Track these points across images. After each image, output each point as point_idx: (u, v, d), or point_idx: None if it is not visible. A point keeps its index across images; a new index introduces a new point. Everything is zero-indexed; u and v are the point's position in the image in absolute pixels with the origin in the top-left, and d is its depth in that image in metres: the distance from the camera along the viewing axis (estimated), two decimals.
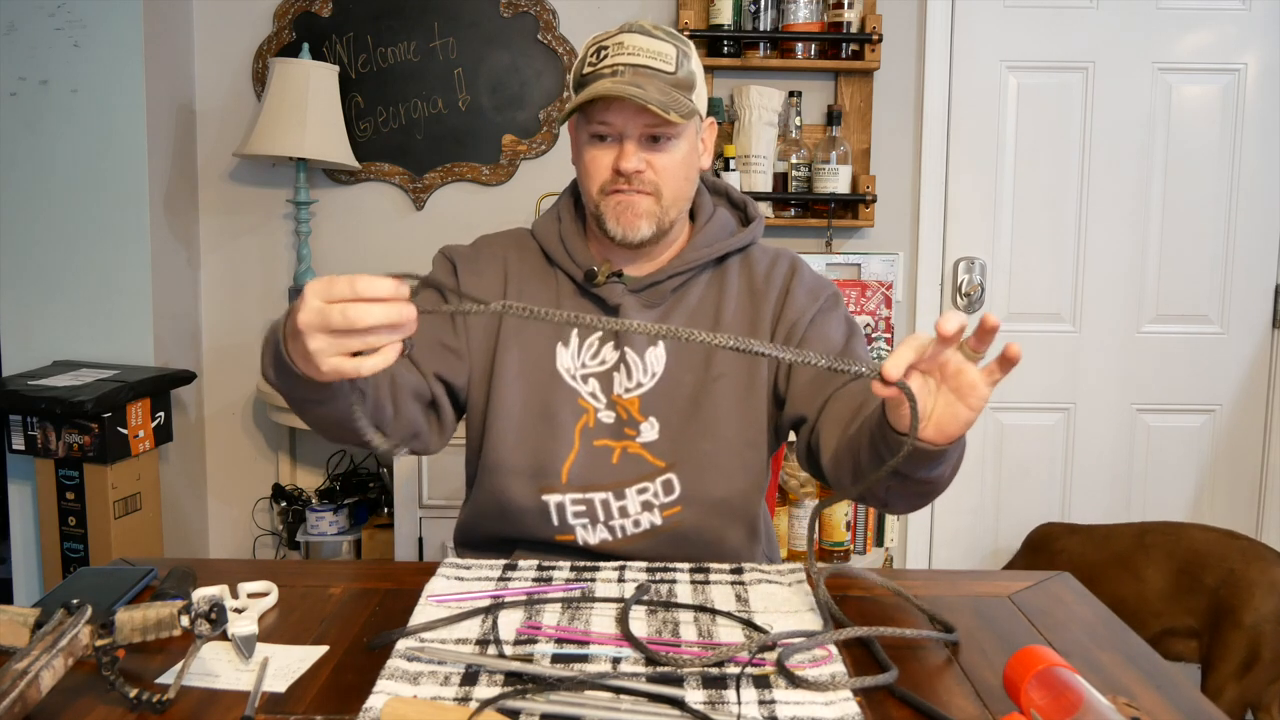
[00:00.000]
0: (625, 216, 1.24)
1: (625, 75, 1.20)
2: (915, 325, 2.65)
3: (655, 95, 1.19)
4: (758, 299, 1.31)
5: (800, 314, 1.29)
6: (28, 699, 0.79)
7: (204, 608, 0.90)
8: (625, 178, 1.22)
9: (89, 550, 2.16)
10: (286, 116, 2.37)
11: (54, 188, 2.31)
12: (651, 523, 1.26)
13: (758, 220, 1.38)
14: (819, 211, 2.53)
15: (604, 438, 1.26)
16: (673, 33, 1.26)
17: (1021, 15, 2.58)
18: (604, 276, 1.28)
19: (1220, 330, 2.65)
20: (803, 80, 2.56)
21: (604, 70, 1.21)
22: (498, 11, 2.57)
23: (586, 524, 1.26)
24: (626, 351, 1.28)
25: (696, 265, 1.30)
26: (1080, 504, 2.70)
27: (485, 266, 1.34)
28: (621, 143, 1.23)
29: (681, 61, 1.23)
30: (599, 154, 1.24)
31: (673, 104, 1.20)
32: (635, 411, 1.27)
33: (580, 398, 1.27)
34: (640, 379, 1.27)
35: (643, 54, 1.21)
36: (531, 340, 1.29)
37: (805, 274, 1.34)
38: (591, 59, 1.24)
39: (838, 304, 1.34)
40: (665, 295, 1.30)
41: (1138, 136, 2.60)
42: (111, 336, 2.34)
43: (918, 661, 0.94)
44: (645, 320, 1.27)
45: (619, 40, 1.23)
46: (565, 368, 1.28)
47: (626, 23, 1.26)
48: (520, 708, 0.81)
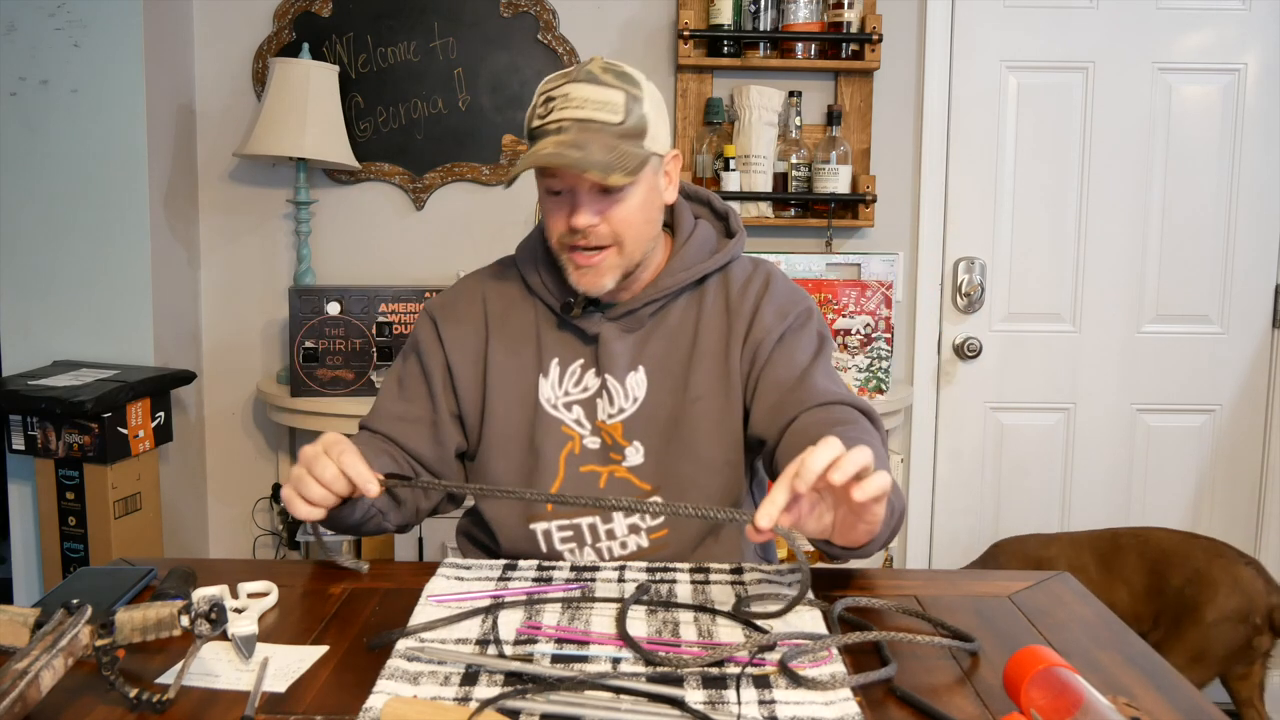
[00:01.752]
0: (587, 276, 1.25)
1: (570, 133, 1.18)
2: (915, 325, 2.65)
3: (598, 156, 1.16)
4: (732, 317, 1.30)
5: (766, 333, 1.28)
6: (28, 699, 0.79)
7: (204, 608, 0.90)
8: (581, 233, 1.22)
9: (89, 550, 2.16)
10: (286, 116, 2.37)
11: (54, 188, 2.31)
12: (638, 545, 1.27)
13: (738, 237, 1.35)
14: (819, 211, 2.53)
15: (590, 463, 1.28)
16: (625, 73, 1.23)
17: (1021, 15, 2.58)
18: (580, 308, 1.29)
19: (1220, 330, 2.65)
20: (803, 80, 2.56)
21: (549, 126, 1.19)
22: (498, 11, 2.57)
23: (574, 548, 1.28)
24: (607, 378, 1.29)
25: (674, 290, 1.30)
26: (1080, 504, 2.70)
27: (464, 312, 1.35)
28: (575, 196, 1.21)
29: (631, 107, 1.20)
30: (553, 207, 1.24)
31: (617, 161, 1.17)
32: (619, 436, 1.28)
33: (564, 425, 1.29)
34: (622, 404, 1.28)
35: (588, 105, 1.19)
36: (515, 375, 1.31)
37: (778, 290, 1.32)
38: (540, 109, 1.22)
39: (809, 319, 1.32)
40: (644, 320, 1.30)
41: (1138, 136, 2.60)
42: (111, 336, 2.34)
43: (918, 661, 0.94)
44: (624, 346, 1.29)
45: (565, 91, 1.20)
46: (546, 399, 1.30)
47: (577, 66, 1.23)
48: (520, 708, 0.81)
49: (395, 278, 2.58)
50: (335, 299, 2.33)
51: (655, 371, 1.29)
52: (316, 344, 2.33)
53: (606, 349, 1.29)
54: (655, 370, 1.29)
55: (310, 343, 2.33)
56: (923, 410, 2.68)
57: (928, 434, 2.69)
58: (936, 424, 2.69)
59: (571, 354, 1.31)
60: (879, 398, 2.40)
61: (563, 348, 1.31)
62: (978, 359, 2.66)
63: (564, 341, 1.31)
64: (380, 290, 2.36)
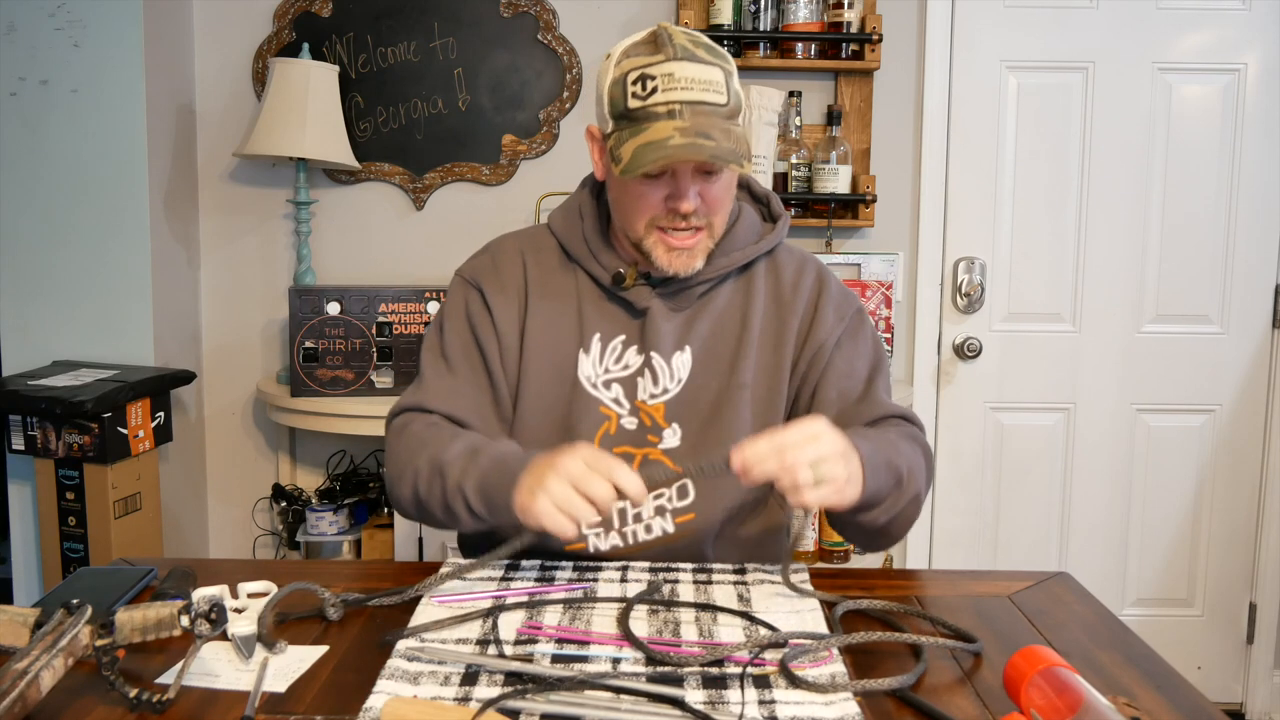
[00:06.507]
0: (680, 259, 1.21)
1: (685, 117, 1.13)
2: (915, 325, 2.64)
3: (724, 144, 1.12)
4: (784, 310, 1.29)
5: (827, 336, 1.27)
6: (28, 699, 0.79)
7: (204, 608, 0.90)
8: (682, 216, 1.18)
9: (89, 550, 2.16)
10: (286, 116, 2.37)
11: (54, 188, 2.31)
12: (663, 529, 1.24)
13: (783, 220, 1.34)
14: (819, 211, 2.53)
15: (625, 444, 1.24)
16: (714, 49, 1.18)
17: (1021, 15, 2.57)
18: (632, 280, 1.26)
19: (1220, 330, 2.65)
20: (803, 80, 2.56)
21: (657, 108, 1.13)
22: (498, 11, 2.57)
23: (599, 531, 1.24)
24: (653, 356, 1.25)
25: (724, 272, 1.28)
26: (1080, 504, 2.70)
27: (508, 278, 1.30)
28: (674, 177, 1.17)
29: (730, 85, 1.17)
30: (645, 190, 1.18)
31: (739, 148, 1.14)
32: (660, 418, 1.25)
33: (602, 405, 1.25)
34: (666, 384, 1.25)
35: (696, 86, 1.13)
36: (553, 348, 1.27)
37: (833, 289, 1.32)
38: (636, 89, 1.14)
39: (863, 322, 1.32)
40: (692, 300, 1.27)
41: (1138, 136, 2.60)
42: (111, 336, 2.34)
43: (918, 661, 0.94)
44: (671, 325, 1.26)
45: (669, 71, 1.13)
46: (586, 376, 1.26)
47: (659, 36, 1.16)
48: (520, 708, 0.81)
49: (395, 278, 2.58)
50: (335, 299, 2.33)
51: (702, 353, 1.26)
52: (316, 344, 2.33)
53: (653, 325, 1.25)
54: (702, 352, 1.26)
55: (310, 343, 2.33)
56: (923, 410, 2.68)
57: (928, 434, 2.69)
58: (936, 424, 2.69)
59: (615, 329, 1.27)
60: None
61: (606, 322, 1.27)
62: (978, 359, 2.66)
63: (608, 315, 1.27)
64: (380, 290, 2.36)
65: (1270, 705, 2.73)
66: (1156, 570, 2.72)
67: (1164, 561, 2.72)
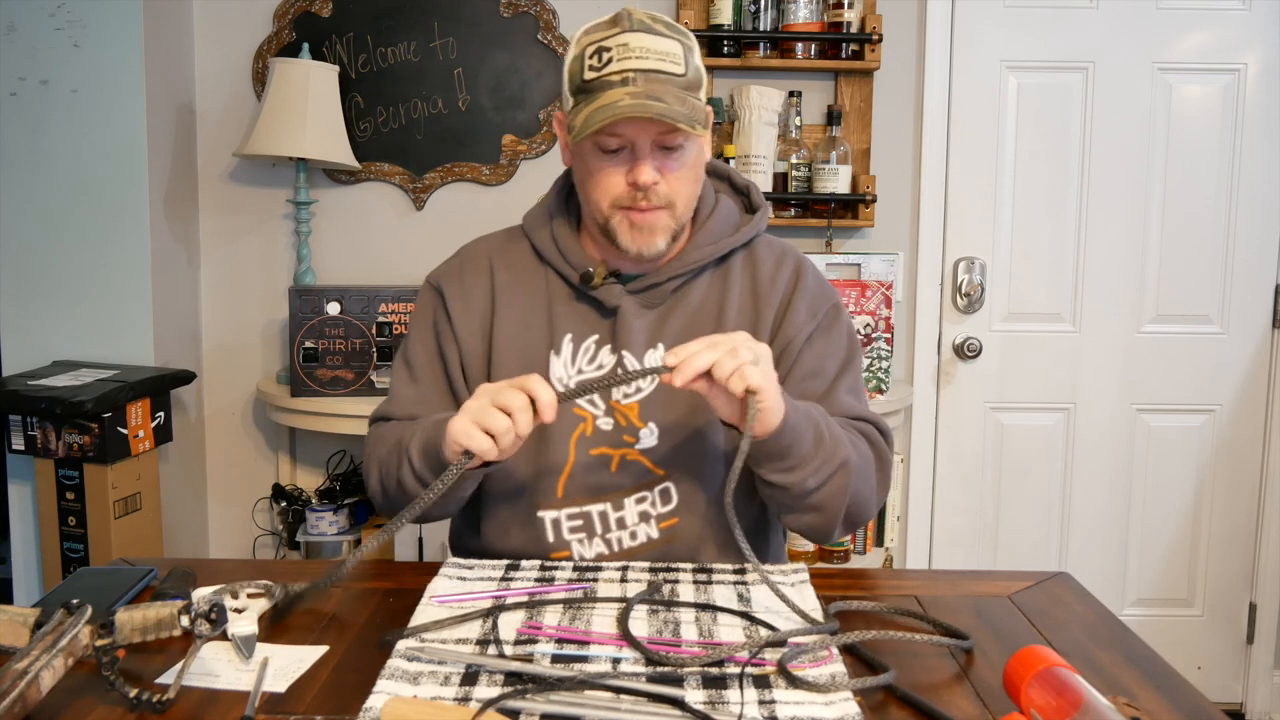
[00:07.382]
0: (642, 235, 1.19)
1: (638, 84, 1.12)
2: (915, 325, 2.65)
3: (676, 107, 1.11)
4: (760, 302, 1.27)
5: (797, 333, 1.26)
6: (28, 699, 0.79)
7: (204, 608, 0.90)
8: (642, 192, 1.17)
9: (89, 550, 2.16)
10: (286, 116, 2.37)
11: (54, 188, 2.31)
12: (648, 535, 1.23)
13: (762, 211, 1.32)
14: (819, 211, 2.53)
15: (602, 446, 1.23)
16: (674, 25, 1.19)
17: (1021, 15, 2.58)
18: (600, 278, 1.25)
19: (1220, 330, 2.65)
20: (803, 80, 2.56)
21: (611, 77, 1.13)
22: (498, 11, 2.57)
23: (583, 538, 1.23)
24: (625, 356, 1.24)
25: (699, 266, 1.26)
26: (1080, 504, 2.70)
27: (472, 284, 1.30)
28: (633, 153, 1.17)
29: (689, 58, 1.17)
30: (607, 167, 1.18)
31: (693, 114, 1.13)
32: (634, 417, 1.23)
33: (577, 407, 1.24)
34: (640, 384, 1.24)
35: (651, 55, 1.14)
36: (524, 351, 1.26)
37: (809, 281, 1.30)
38: (593, 61, 1.15)
39: (838, 318, 1.30)
40: (665, 295, 1.26)
41: (1138, 136, 2.60)
42: (111, 336, 2.34)
43: (918, 661, 0.94)
44: (643, 322, 1.25)
45: (623, 42, 1.14)
46: (558, 377, 1.25)
47: (619, 14, 1.17)
48: (520, 708, 0.81)
49: (395, 278, 2.58)
50: (335, 299, 2.33)
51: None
52: (316, 344, 2.33)
53: (625, 324, 1.23)
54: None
55: (310, 343, 2.33)
56: (923, 410, 2.68)
57: (928, 434, 2.69)
58: (936, 424, 2.69)
59: (586, 329, 1.26)
60: (879, 398, 2.40)
61: (577, 322, 1.26)
62: (978, 359, 2.66)
63: (578, 315, 1.26)
64: (380, 290, 2.36)
65: (1270, 705, 2.73)
66: (1156, 570, 2.73)
67: (1164, 561, 2.72)
